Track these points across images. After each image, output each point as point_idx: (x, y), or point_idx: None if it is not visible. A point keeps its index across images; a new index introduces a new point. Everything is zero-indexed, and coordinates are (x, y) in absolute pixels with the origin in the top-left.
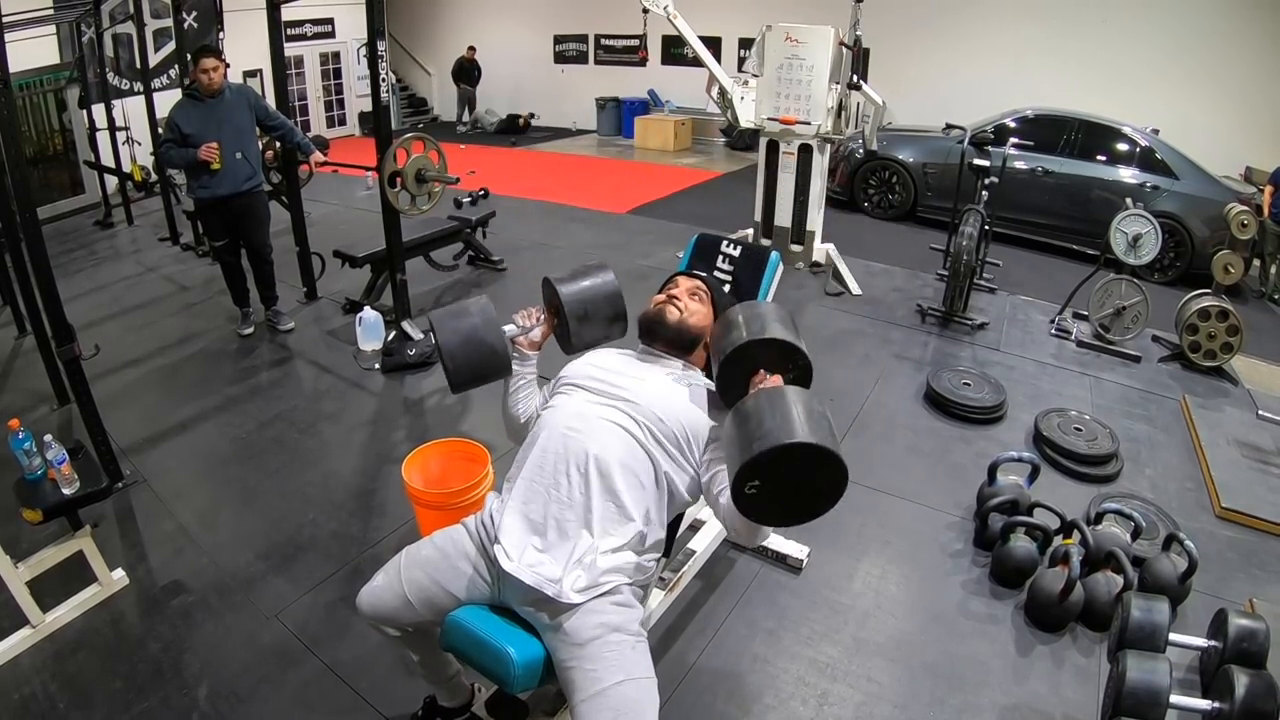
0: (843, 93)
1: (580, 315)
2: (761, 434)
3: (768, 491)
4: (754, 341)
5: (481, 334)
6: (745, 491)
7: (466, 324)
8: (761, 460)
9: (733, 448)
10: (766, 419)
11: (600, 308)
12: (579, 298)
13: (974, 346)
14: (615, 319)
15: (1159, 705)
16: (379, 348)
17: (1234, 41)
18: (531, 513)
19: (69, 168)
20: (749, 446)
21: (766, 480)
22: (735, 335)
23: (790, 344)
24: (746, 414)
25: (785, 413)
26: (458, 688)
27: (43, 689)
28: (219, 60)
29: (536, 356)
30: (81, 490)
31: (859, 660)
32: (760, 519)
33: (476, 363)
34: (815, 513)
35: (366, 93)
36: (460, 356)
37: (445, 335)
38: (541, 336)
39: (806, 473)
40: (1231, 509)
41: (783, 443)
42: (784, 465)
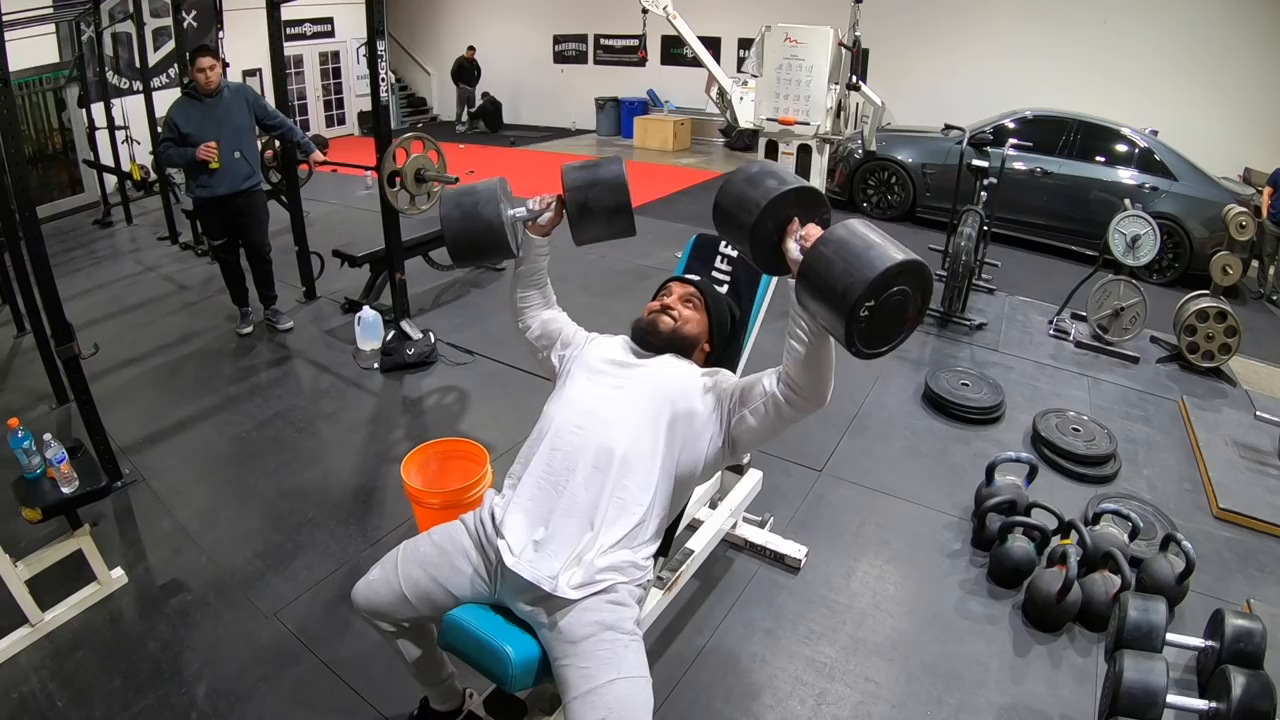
0: (842, 93)
1: (581, 203)
2: (878, 252)
3: (877, 314)
4: (791, 191)
5: (480, 208)
6: (859, 315)
7: (469, 199)
8: (889, 273)
9: (838, 274)
10: (874, 243)
11: (601, 196)
12: (581, 184)
13: (972, 347)
14: (617, 211)
15: (1156, 705)
16: (378, 347)
17: (1233, 43)
18: (537, 510)
19: (68, 166)
20: (870, 266)
21: (881, 299)
22: (770, 184)
23: (818, 191)
24: (847, 241)
25: (881, 237)
26: (450, 691)
27: (41, 687)
28: (216, 59)
29: (545, 245)
30: (80, 489)
31: (857, 660)
32: (864, 343)
33: (472, 234)
34: (899, 338)
35: (366, 92)
36: (458, 227)
37: (447, 207)
38: (549, 223)
39: (908, 290)
40: (1229, 510)
41: (901, 258)
42: (899, 282)
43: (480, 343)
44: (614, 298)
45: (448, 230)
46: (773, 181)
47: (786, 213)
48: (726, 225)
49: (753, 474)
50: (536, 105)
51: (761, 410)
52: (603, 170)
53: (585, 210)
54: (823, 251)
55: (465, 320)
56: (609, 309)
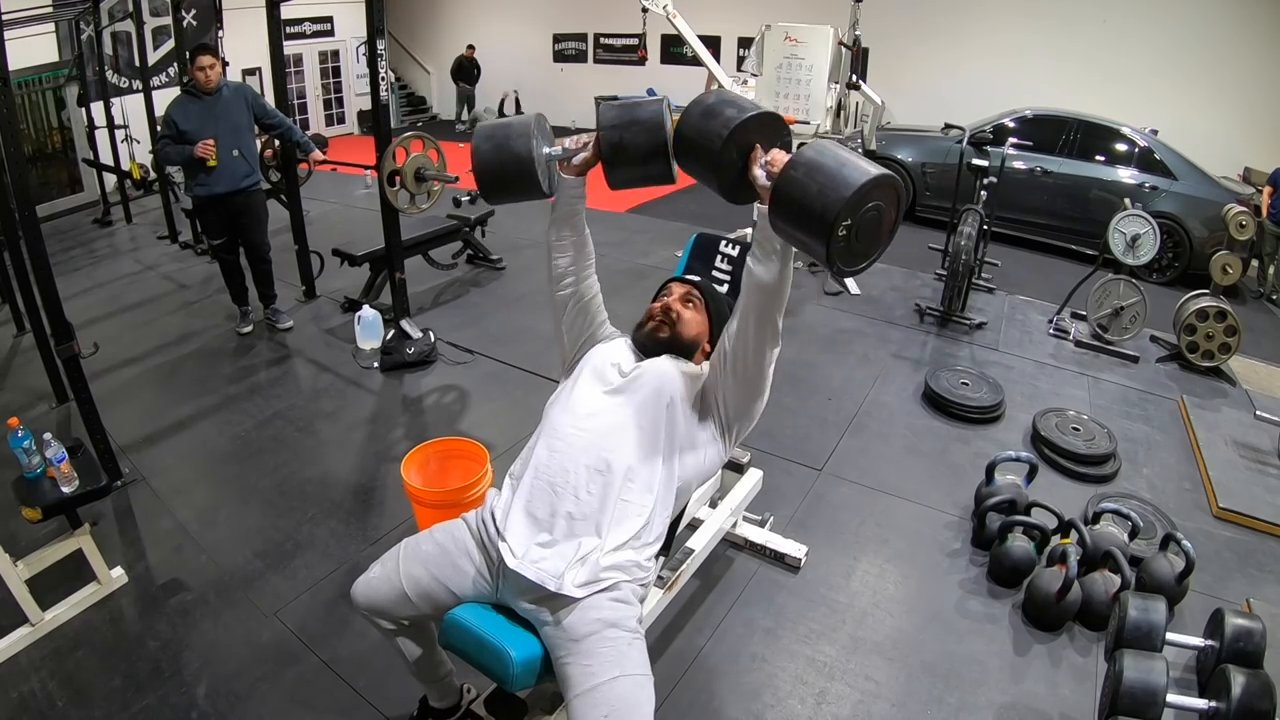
0: (842, 92)
1: (615, 142)
2: (852, 170)
3: (854, 230)
4: (752, 117)
5: (511, 142)
6: (838, 234)
7: (501, 132)
8: (864, 189)
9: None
10: (845, 161)
11: (636, 138)
12: (617, 122)
13: (972, 346)
14: (654, 154)
15: (1156, 704)
16: (378, 346)
17: (1233, 43)
18: (537, 510)
19: (68, 166)
20: (846, 183)
21: (858, 215)
22: (729, 113)
23: (778, 116)
24: (816, 162)
25: (850, 155)
26: (448, 689)
27: (41, 687)
28: (216, 58)
29: (581, 185)
30: (80, 488)
31: (857, 659)
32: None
33: (502, 167)
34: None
35: (365, 91)
36: (488, 160)
37: (479, 139)
38: (582, 163)
39: (882, 205)
40: (1229, 509)
41: (875, 173)
42: (874, 197)
43: (480, 342)
44: (613, 297)
45: (477, 162)
46: (731, 110)
47: (749, 140)
48: (689, 158)
49: (753, 473)
50: (536, 104)
51: (732, 356)
52: (641, 110)
53: (620, 150)
54: (794, 175)
55: (465, 319)
56: (609, 308)
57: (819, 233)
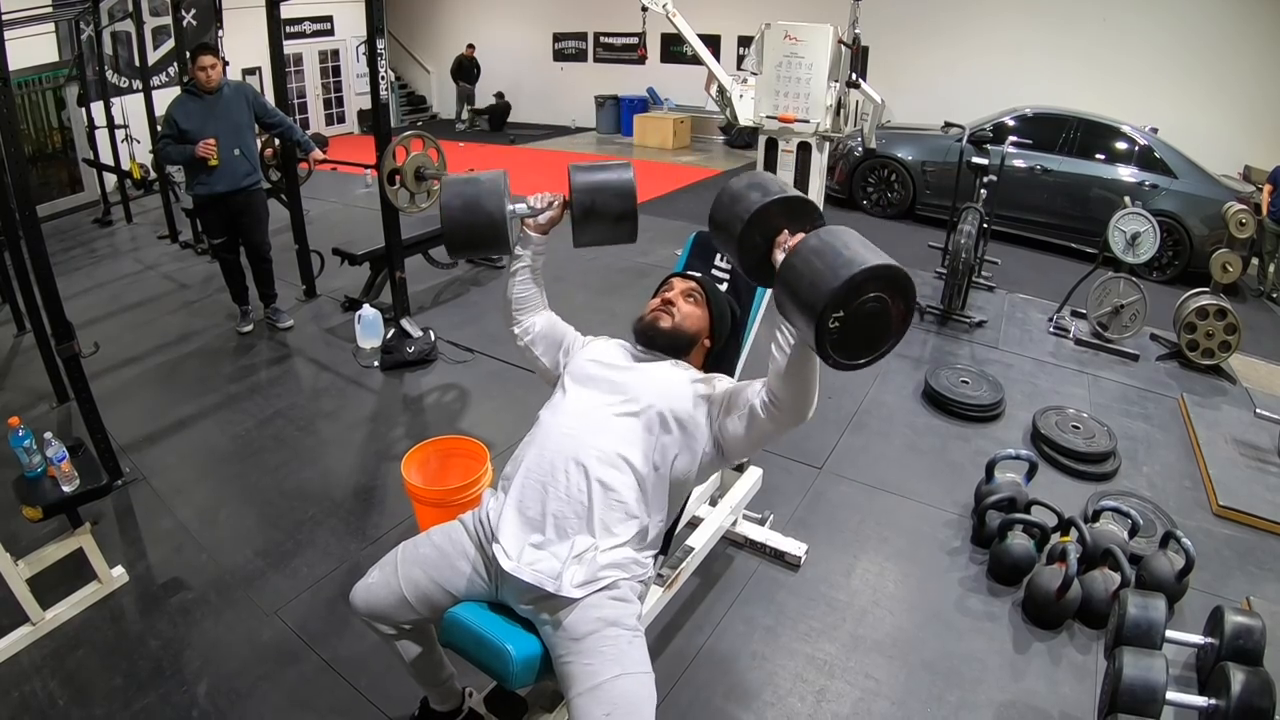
0: (841, 91)
1: (587, 206)
2: (845, 260)
3: (850, 323)
4: (774, 202)
5: (482, 200)
6: (829, 326)
7: (471, 189)
8: (855, 280)
9: (807, 285)
10: (843, 250)
11: (608, 202)
12: (589, 186)
13: (972, 344)
14: (623, 218)
15: (1155, 702)
16: (378, 345)
17: (1234, 40)
18: (529, 511)
19: (68, 165)
20: (835, 274)
21: (851, 308)
22: (754, 197)
23: (805, 201)
24: (817, 249)
25: (857, 244)
26: (450, 692)
27: (42, 686)
28: (217, 58)
29: (543, 243)
30: (81, 488)
31: (857, 657)
32: (842, 356)
33: (471, 226)
34: (884, 347)
35: (365, 90)
36: (458, 217)
37: (448, 195)
38: (549, 221)
39: (885, 298)
40: (1228, 507)
41: (871, 264)
42: (869, 289)
43: (480, 341)
44: (612, 295)
45: (447, 220)
46: (756, 194)
47: (773, 224)
48: (720, 238)
49: (753, 472)
50: (536, 103)
51: (745, 420)
52: (612, 174)
53: (591, 213)
54: (793, 261)
55: (465, 318)
56: (607, 307)
57: (809, 320)
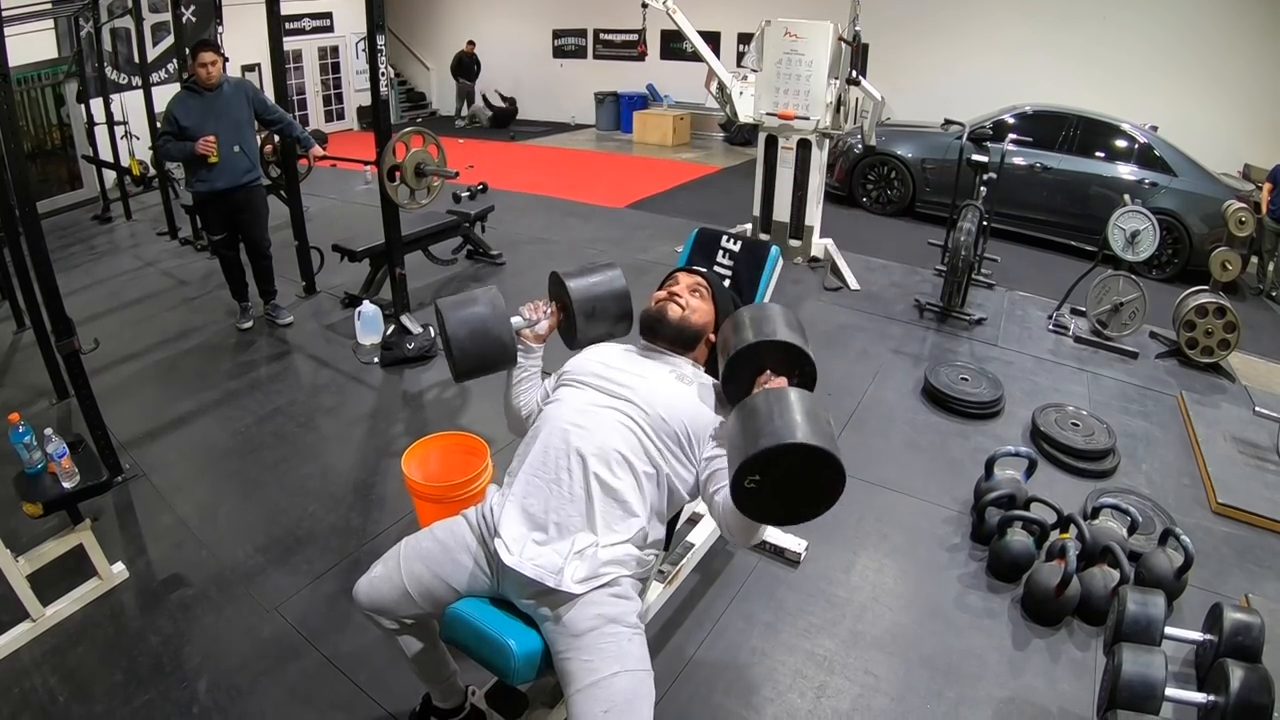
0: (841, 88)
1: (588, 313)
2: (766, 431)
3: (768, 488)
4: (763, 343)
5: (490, 325)
6: (745, 485)
7: (475, 314)
8: (763, 455)
9: (736, 440)
10: (774, 417)
11: (607, 306)
12: (587, 295)
13: (972, 342)
14: (621, 318)
15: (1154, 698)
16: (378, 342)
17: (1233, 39)
18: (532, 507)
19: (67, 162)
20: (754, 441)
21: (767, 476)
22: (744, 335)
23: (798, 348)
24: (752, 410)
25: (790, 413)
26: (452, 689)
27: (43, 682)
28: (217, 54)
29: (541, 350)
30: (81, 484)
31: (856, 653)
32: (757, 515)
33: (483, 354)
34: (810, 514)
35: (365, 87)
36: (469, 348)
37: (453, 325)
38: (547, 330)
39: (806, 472)
40: (1227, 505)
41: (785, 441)
42: (785, 462)
43: None
44: None
45: (457, 352)
46: (749, 333)
47: (761, 363)
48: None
49: None
50: (536, 100)
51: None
52: (606, 281)
53: (592, 319)
54: (736, 413)
55: None
56: None
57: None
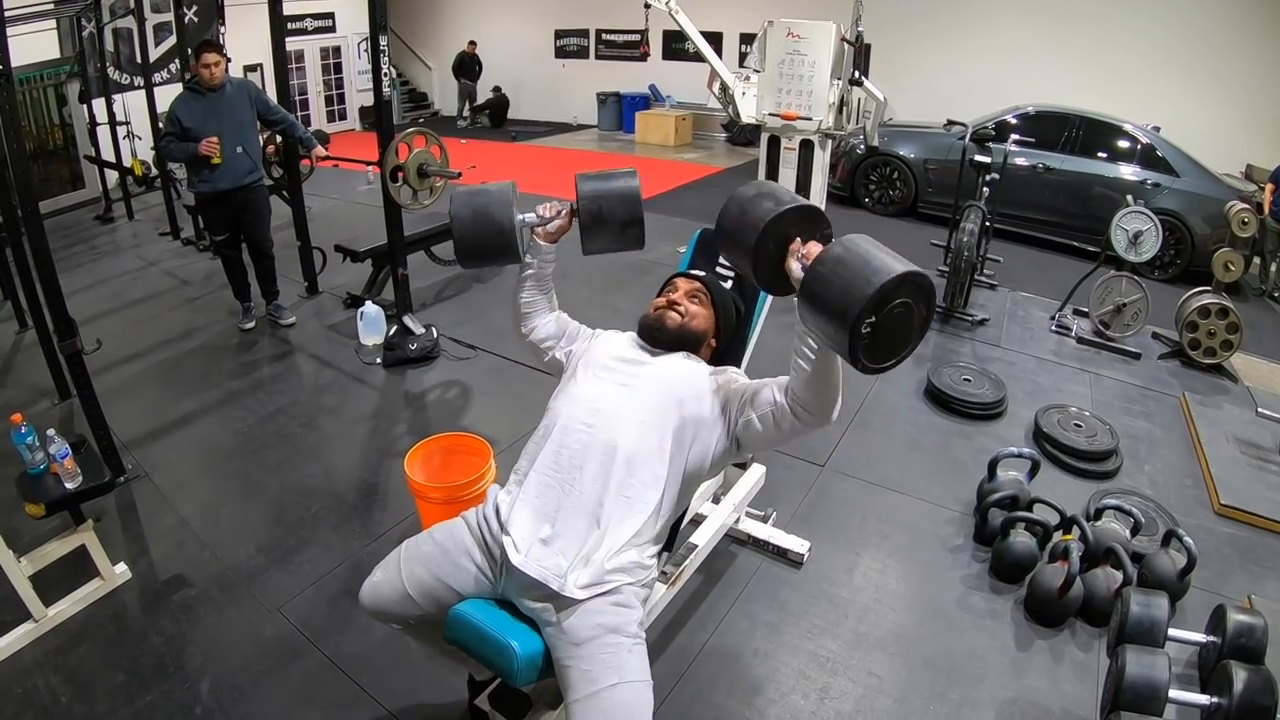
0: (844, 88)
1: (594, 213)
2: (875, 268)
3: (880, 329)
4: (789, 210)
5: (492, 211)
6: (861, 331)
7: (480, 200)
8: (888, 287)
9: (839, 290)
10: (870, 258)
11: (614, 208)
12: (595, 193)
13: (974, 342)
14: (630, 224)
15: (1158, 700)
16: (380, 342)
17: (1236, 39)
18: (544, 507)
19: (69, 162)
20: (866, 281)
21: (882, 314)
22: (767, 206)
23: (815, 210)
24: (843, 258)
25: (881, 251)
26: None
27: (45, 683)
28: (220, 55)
29: (551, 252)
30: (84, 484)
31: (859, 654)
32: (869, 359)
33: (482, 236)
34: (906, 350)
35: (367, 87)
36: (468, 228)
37: (458, 206)
38: (557, 230)
39: (910, 303)
40: (1230, 506)
41: (900, 271)
42: (899, 295)
43: (482, 337)
44: (615, 292)
45: (457, 231)
46: (769, 203)
47: (786, 232)
48: (729, 248)
49: (755, 469)
50: (538, 100)
51: (769, 419)
52: (618, 182)
53: (598, 220)
54: (820, 271)
55: (467, 315)
56: (610, 304)
57: (842, 329)
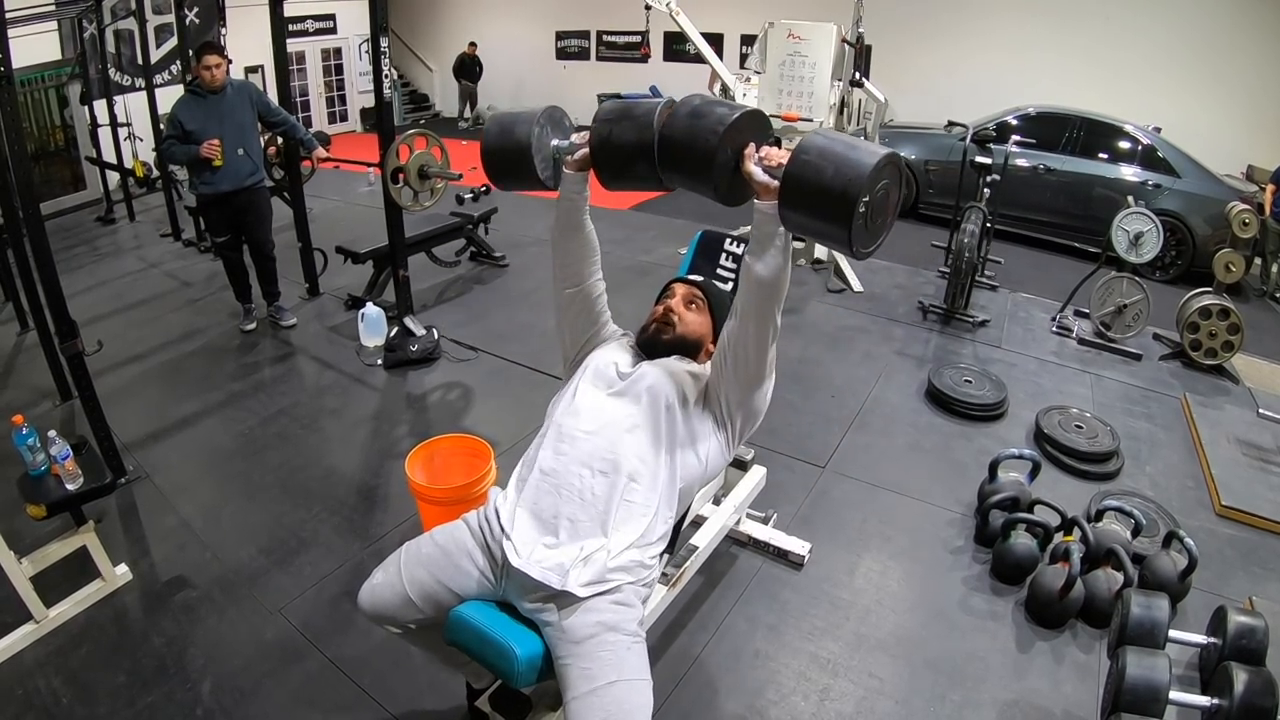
0: (845, 90)
1: (604, 137)
2: (863, 150)
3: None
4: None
5: (516, 128)
6: (859, 211)
7: (509, 118)
8: (880, 165)
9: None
10: (855, 144)
11: (625, 131)
12: (607, 114)
13: (975, 344)
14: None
15: (1158, 701)
16: (381, 344)
17: (1237, 39)
18: (542, 511)
19: (70, 164)
20: (859, 162)
21: (873, 193)
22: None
23: (765, 115)
24: (825, 149)
25: (855, 140)
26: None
27: (46, 684)
28: (222, 57)
29: (583, 181)
30: (85, 486)
31: (860, 655)
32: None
33: (503, 150)
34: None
35: (368, 89)
36: (492, 142)
37: (490, 122)
38: (582, 158)
39: (890, 182)
40: (1231, 507)
41: (885, 151)
42: (885, 175)
43: (484, 339)
44: (617, 294)
45: (485, 144)
46: (722, 109)
47: (741, 139)
48: (678, 163)
49: (756, 470)
50: (538, 101)
51: (731, 359)
52: (636, 107)
53: (606, 145)
54: (807, 160)
55: (468, 316)
56: (612, 305)
57: (840, 214)
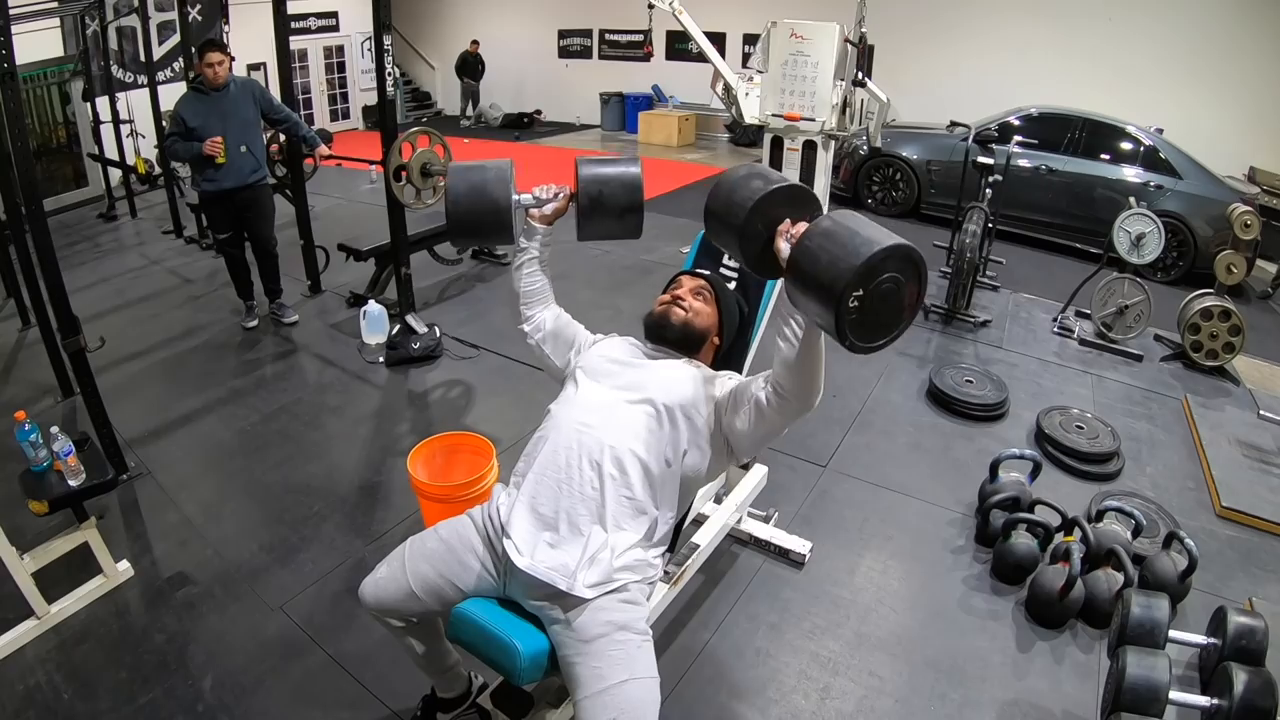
0: (847, 89)
1: (594, 196)
2: (863, 240)
3: (868, 304)
4: (777, 190)
5: (489, 188)
6: (849, 307)
7: (477, 175)
8: (875, 259)
9: (826, 263)
10: (858, 231)
11: (615, 194)
12: (595, 177)
13: (977, 344)
14: (629, 211)
15: (1158, 701)
16: (383, 341)
17: (1239, 41)
18: (542, 508)
19: (73, 160)
20: (854, 253)
21: (870, 288)
22: (756, 185)
23: (809, 190)
24: (830, 232)
25: (870, 226)
26: (456, 678)
27: (48, 680)
28: (224, 54)
29: (547, 235)
30: (87, 482)
31: (860, 655)
32: (857, 335)
33: (476, 214)
34: (897, 329)
35: (370, 86)
36: (463, 204)
37: (454, 180)
38: (554, 213)
39: (900, 278)
40: (1232, 508)
41: (887, 243)
42: (887, 269)
43: (485, 336)
44: (618, 293)
45: (451, 205)
46: (758, 182)
47: (775, 213)
48: (717, 230)
49: (758, 469)
50: (541, 100)
51: (751, 415)
52: (620, 168)
53: (597, 205)
54: (808, 244)
55: (470, 314)
56: (613, 304)
57: (828, 302)
